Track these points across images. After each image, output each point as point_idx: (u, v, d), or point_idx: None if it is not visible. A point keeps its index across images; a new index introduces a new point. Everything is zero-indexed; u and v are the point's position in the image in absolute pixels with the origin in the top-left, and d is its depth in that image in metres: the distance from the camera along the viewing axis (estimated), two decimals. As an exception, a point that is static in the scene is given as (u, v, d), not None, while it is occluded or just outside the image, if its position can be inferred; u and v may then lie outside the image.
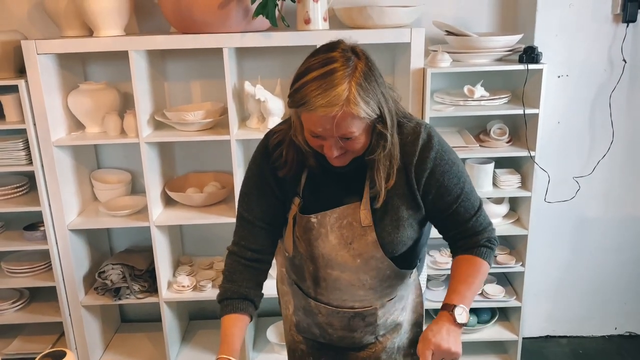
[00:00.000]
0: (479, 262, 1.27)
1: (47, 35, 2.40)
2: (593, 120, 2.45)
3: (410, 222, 1.27)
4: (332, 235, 1.28)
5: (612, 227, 2.61)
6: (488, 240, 1.30)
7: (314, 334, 1.47)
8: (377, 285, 1.34)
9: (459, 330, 1.20)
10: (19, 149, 2.21)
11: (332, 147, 1.15)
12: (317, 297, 1.38)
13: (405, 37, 2.08)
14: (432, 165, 1.23)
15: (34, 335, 2.59)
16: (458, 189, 1.26)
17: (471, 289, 1.25)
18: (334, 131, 1.11)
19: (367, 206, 1.25)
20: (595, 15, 2.31)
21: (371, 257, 1.28)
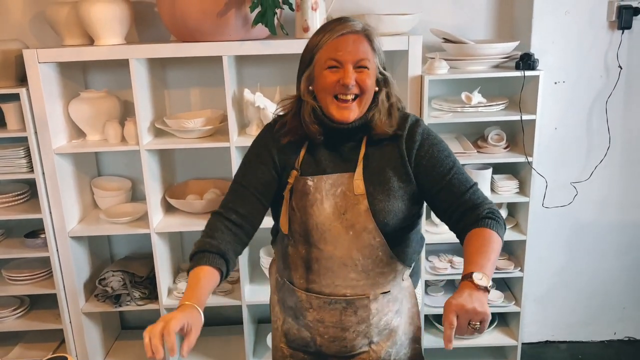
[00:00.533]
0: (488, 232, 1.22)
1: (48, 43, 2.42)
2: (590, 126, 2.47)
3: (401, 194, 1.32)
4: (327, 202, 1.32)
5: (610, 232, 2.62)
6: (490, 211, 1.26)
7: (304, 341, 1.45)
8: (369, 269, 1.35)
9: (483, 293, 1.11)
10: (20, 156, 2.23)
11: (350, 73, 1.26)
12: (309, 287, 1.38)
13: (403, 45, 2.10)
14: (420, 139, 1.33)
15: (34, 342, 2.60)
16: (449, 161, 1.32)
17: (486, 257, 1.18)
18: (354, 53, 1.26)
19: (360, 176, 1.32)
20: (591, 22, 2.34)
21: (363, 229, 1.32)
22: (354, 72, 1.27)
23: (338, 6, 2.32)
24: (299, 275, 1.40)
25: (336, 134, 1.34)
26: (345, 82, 1.26)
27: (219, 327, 2.79)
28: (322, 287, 1.38)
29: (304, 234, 1.35)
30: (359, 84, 1.28)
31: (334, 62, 1.27)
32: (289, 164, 1.37)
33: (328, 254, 1.34)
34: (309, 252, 1.36)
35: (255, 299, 2.41)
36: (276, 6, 1.98)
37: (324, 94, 1.30)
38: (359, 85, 1.28)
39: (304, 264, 1.38)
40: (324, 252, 1.35)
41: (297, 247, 1.38)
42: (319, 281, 1.37)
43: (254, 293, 2.45)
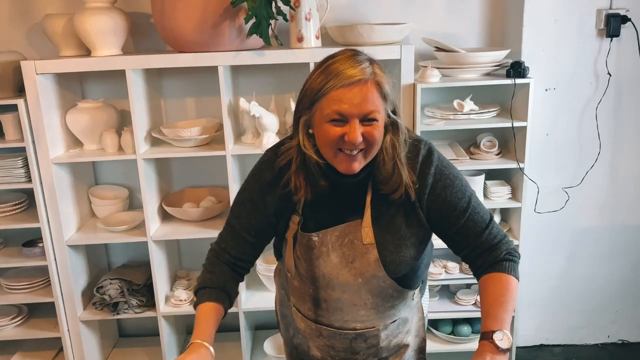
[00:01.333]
0: (506, 277, 1.19)
1: (45, 54, 2.45)
2: (580, 132, 2.51)
3: (412, 242, 1.25)
4: (334, 254, 1.26)
5: (602, 236, 2.65)
6: (508, 252, 1.23)
7: (315, 358, 1.44)
8: (379, 305, 1.32)
9: (503, 356, 1.10)
10: (18, 166, 2.25)
11: (357, 130, 1.11)
12: (318, 319, 1.36)
13: (396, 54, 2.13)
14: (432, 181, 1.22)
15: (33, 351, 2.61)
16: (463, 202, 1.22)
17: (505, 308, 1.15)
18: (361, 105, 1.11)
19: (368, 224, 1.23)
20: (580, 31, 2.38)
21: (373, 276, 1.26)
22: (361, 126, 1.12)
23: (331, 16, 2.35)
24: (307, 307, 1.37)
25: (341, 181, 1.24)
26: (352, 139, 1.12)
27: (215, 333, 2.79)
28: (331, 321, 1.35)
29: (311, 278, 1.31)
30: (366, 137, 1.13)
31: (338, 115, 1.12)
32: (290, 209, 1.29)
33: (336, 297, 1.31)
34: (316, 292, 1.32)
35: (251, 305, 2.43)
36: (270, 17, 2.01)
37: (326, 148, 1.16)
38: (365, 139, 1.14)
39: (312, 300, 1.35)
40: (332, 296, 1.31)
41: (304, 286, 1.34)
42: (327, 317, 1.35)
43: (250, 300, 2.47)
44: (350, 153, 1.15)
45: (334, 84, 1.11)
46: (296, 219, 1.28)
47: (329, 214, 1.26)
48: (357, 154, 1.15)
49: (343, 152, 1.15)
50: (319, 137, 1.17)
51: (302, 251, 1.28)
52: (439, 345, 2.53)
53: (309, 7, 2.12)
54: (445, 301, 2.51)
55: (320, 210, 1.26)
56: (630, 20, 2.32)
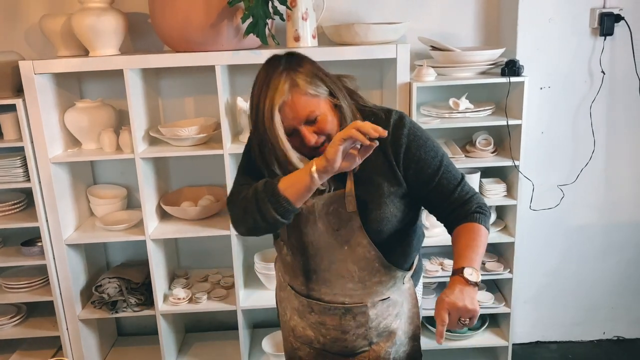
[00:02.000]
0: (477, 226, 1.30)
1: (43, 54, 2.46)
2: (575, 130, 2.53)
3: (392, 199, 1.33)
4: (320, 222, 1.34)
5: (597, 233, 2.68)
6: (478, 206, 1.33)
7: (309, 338, 1.50)
8: (366, 279, 1.38)
9: (473, 288, 1.20)
10: (17, 166, 2.26)
11: (307, 135, 1.25)
12: (310, 294, 1.44)
13: (391, 53, 2.15)
14: (406, 141, 1.31)
15: (32, 350, 2.61)
16: (437, 161, 1.32)
17: (476, 252, 1.26)
18: (296, 117, 1.23)
19: (351, 193, 1.31)
20: (574, 29, 2.40)
21: (357, 244, 1.34)
22: (309, 128, 1.26)
23: (328, 16, 2.37)
24: (299, 282, 1.45)
25: None
26: (307, 143, 1.26)
27: (214, 332, 2.82)
28: (321, 295, 1.42)
29: (300, 247, 1.40)
30: (320, 133, 1.27)
31: (287, 130, 1.25)
32: None
33: (325, 267, 1.39)
34: (306, 263, 1.41)
35: (250, 303, 2.45)
36: (267, 17, 2.02)
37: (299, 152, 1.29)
38: (320, 134, 1.27)
39: (303, 273, 1.43)
40: (321, 265, 1.39)
41: (295, 257, 1.42)
42: (318, 289, 1.42)
43: (248, 298, 2.48)
44: (317, 150, 1.27)
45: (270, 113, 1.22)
46: None
47: None
48: (323, 146, 1.26)
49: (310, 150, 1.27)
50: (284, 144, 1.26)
51: None
52: (435, 342, 2.52)
53: (305, 7, 2.13)
54: (442, 297, 2.52)
55: None
56: (624, 19, 2.34)
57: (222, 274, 2.66)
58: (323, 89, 1.27)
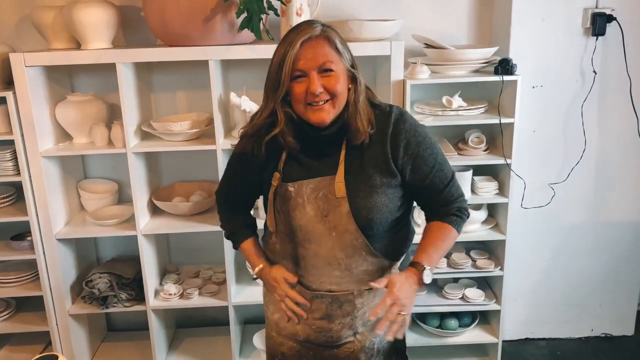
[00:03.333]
0: (448, 228, 1.40)
1: (35, 47, 2.43)
2: (566, 129, 2.55)
3: (383, 190, 1.34)
4: (309, 206, 1.36)
5: (587, 231, 2.70)
6: (458, 209, 1.41)
7: (294, 330, 1.50)
8: (353, 267, 1.39)
9: (418, 288, 1.35)
10: (7, 159, 2.24)
11: (315, 80, 1.25)
12: (298, 280, 1.45)
13: (385, 50, 2.15)
14: (407, 137, 1.33)
15: (21, 345, 2.60)
16: (432, 159, 1.36)
17: (438, 252, 1.39)
18: (315, 59, 1.25)
19: (341, 179, 1.33)
20: (567, 29, 2.42)
21: (345, 230, 1.35)
22: (320, 77, 1.26)
23: (322, 12, 2.36)
24: (288, 269, 1.47)
25: (316, 140, 1.35)
26: (312, 90, 1.26)
27: (205, 328, 2.81)
28: (309, 282, 1.44)
29: (289, 233, 1.41)
30: (327, 88, 1.27)
31: (297, 72, 1.26)
32: (272, 168, 1.40)
33: (313, 253, 1.40)
34: (295, 249, 1.42)
35: (241, 299, 2.45)
36: (262, 12, 2.02)
37: (297, 105, 1.30)
38: (327, 90, 1.27)
39: (292, 260, 1.45)
40: (309, 251, 1.40)
41: (284, 245, 1.44)
42: (306, 276, 1.44)
43: (240, 294, 2.48)
44: (317, 104, 1.27)
45: (291, 50, 1.25)
46: (277, 176, 1.39)
47: (306, 169, 1.37)
48: (324, 105, 1.28)
49: (312, 106, 1.28)
50: (291, 97, 1.30)
51: (280, 203, 1.39)
52: (426, 339, 2.56)
53: (300, 2, 2.13)
54: (433, 295, 2.54)
55: (298, 166, 1.38)
56: (616, 20, 2.36)
57: (214, 270, 2.66)
58: (348, 55, 1.32)
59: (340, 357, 1.49)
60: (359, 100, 1.32)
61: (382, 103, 1.40)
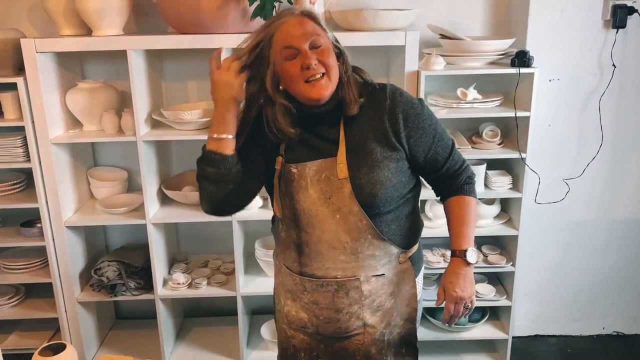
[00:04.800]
0: (468, 199, 1.43)
1: (46, 33, 2.42)
2: (583, 124, 2.50)
3: (386, 164, 1.34)
4: (312, 189, 1.35)
5: (601, 228, 2.66)
6: (468, 177, 1.45)
7: (302, 322, 1.49)
8: (359, 251, 1.38)
9: (471, 270, 1.39)
10: (17, 146, 2.23)
11: (309, 53, 1.26)
12: (303, 270, 1.43)
13: (400, 40, 2.11)
14: (405, 109, 1.34)
15: (30, 331, 2.61)
16: (432, 129, 1.38)
17: (470, 226, 1.41)
18: (303, 35, 1.26)
19: (343, 160, 1.33)
20: (586, 21, 2.36)
21: (349, 212, 1.34)
22: (312, 52, 1.28)
23: (336, 1, 2.33)
24: (292, 259, 1.45)
25: (315, 120, 1.36)
26: (307, 62, 1.26)
27: (213, 317, 2.81)
28: (314, 270, 1.42)
29: (294, 218, 1.39)
30: (321, 61, 1.28)
31: (289, 50, 1.27)
32: (275, 152, 1.40)
33: (317, 238, 1.38)
34: (299, 236, 1.40)
35: (249, 290, 2.43)
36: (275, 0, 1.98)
37: (294, 85, 1.30)
38: (320, 62, 1.28)
39: (296, 247, 1.42)
40: (313, 236, 1.38)
41: (289, 232, 1.43)
42: (310, 264, 1.42)
43: (248, 284, 2.47)
44: (314, 78, 1.27)
45: (275, 29, 1.27)
46: (280, 160, 1.39)
47: (308, 151, 1.37)
48: (321, 79, 1.28)
49: (308, 82, 1.28)
50: (286, 80, 1.30)
51: (284, 185, 1.38)
52: (435, 334, 2.54)
53: (313, -9, 2.09)
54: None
55: (300, 149, 1.38)
56: (637, 12, 2.30)
57: (223, 260, 2.65)
58: (330, 32, 1.34)
59: (351, 350, 1.48)
60: (347, 72, 1.34)
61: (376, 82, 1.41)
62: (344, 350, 1.48)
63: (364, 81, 1.40)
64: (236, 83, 1.30)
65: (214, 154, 1.32)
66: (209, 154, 1.33)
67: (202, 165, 1.36)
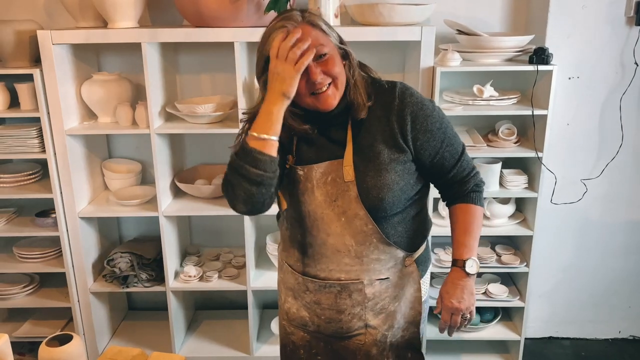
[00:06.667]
0: (473, 208, 1.38)
1: (62, 25, 2.43)
2: (603, 123, 2.45)
3: (393, 167, 1.30)
4: (318, 191, 1.33)
5: (618, 230, 2.60)
6: (476, 185, 1.40)
7: (303, 320, 1.48)
8: (363, 255, 1.36)
9: (471, 281, 1.35)
10: (33, 136, 2.25)
11: (314, 69, 1.22)
12: (305, 270, 1.42)
13: (416, 35, 2.08)
14: (414, 110, 1.30)
15: (43, 319, 2.64)
16: (441, 133, 1.33)
17: (473, 236, 1.37)
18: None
19: (349, 162, 1.30)
20: (608, 18, 2.30)
21: (355, 215, 1.32)
22: (317, 65, 1.23)
23: (352, -5, 2.30)
24: (296, 258, 1.44)
25: (323, 121, 1.33)
26: (313, 79, 1.22)
27: (224, 311, 2.82)
28: (317, 271, 1.40)
29: (298, 219, 1.38)
30: (326, 72, 1.24)
31: None
32: (287, 150, 1.37)
33: (321, 240, 1.36)
34: (303, 236, 1.39)
35: (260, 284, 2.43)
36: (289, -7, 1.97)
37: (301, 98, 1.26)
38: (326, 74, 1.24)
39: (300, 248, 1.41)
40: (317, 239, 1.37)
41: (293, 231, 1.41)
42: (313, 265, 1.40)
43: (259, 278, 2.47)
44: (321, 90, 1.24)
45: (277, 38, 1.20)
46: (290, 159, 1.36)
47: (315, 152, 1.35)
48: (328, 89, 1.25)
49: (316, 94, 1.25)
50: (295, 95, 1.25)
51: (290, 186, 1.36)
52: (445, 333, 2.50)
53: (329, -15, 2.07)
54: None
55: (308, 149, 1.35)
56: (662, 9, 2.24)
57: (234, 254, 2.65)
58: (334, 33, 1.29)
59: (351, 349, 1.46)
60: (354, 74, 1.31)
61: (384, 80, 1.37)
62: (344, 349, 1.47)
63: (371, 79, 1.37)
64: (289, 77, 1.18)
65: (262, 155, 1.20)
66: (254, 153, 1.20)
67: (243, 164, 1.21)
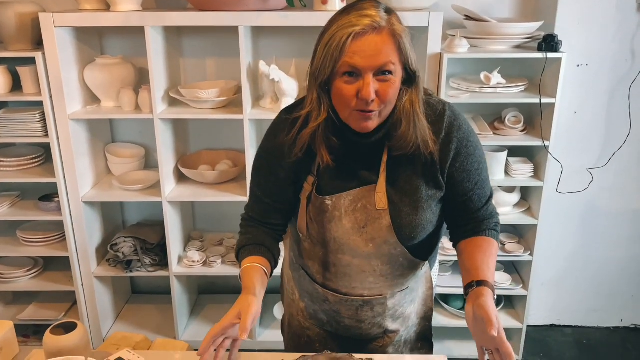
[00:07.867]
0: (492, 242, 1.24)
1: (64, 7, 2.40)
2: (610, 112, 2.42)
3: (429, 204, 1.21)
4: (346, 219, 1.22)
5: (624, 220, 2.59)
6: (495, 224, 1.28)
7: (322, 321, 1.44)
8: (389, 273, 1.29)
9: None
10: (36, 120, 2.24)
11: (370, 86, 1.05)
12: (325, 284, 1.34)
13: (423, 21, 2.05)
14: (459, 146, 1.19)
15: (47, 302, 2.66)
16: (477, 175, 1.22)
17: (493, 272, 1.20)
18: (375, 57, 1.04)
19: (382, 189, 1.20)
20: (620, 5, 2.26)
21: (384, 242, 1.23)
22: (375, 81, 1.07)
23: (358, -22, 2.26)
24: (316, 270, 1.35)
25: (356, 145, 1.20)
26: (364, 95, 1.06)
27: (227, 295, 2.83)
28: (338, 287, 1.33)
29: (322, 241, 1.28)
30: (380, 95, 1.08)
31: (350, 68, 1.06)
32: (305, 170, 1.25)
33: (346, 262, 1.29)
34: (326, 255, 1.30)
35: (263, 270, 2.43)
36: (295, -23, 1.94)
37: (342, 107, 1.12)
38: (380, 97, 1.08)
39: (321, 264, 1.32)
40: (342, 261, 1.29)
41: (314, 248, 1.31)
42: (335, 281, 1.32)
43: (262, 265, 2.46)
44: (366, 109, 1.08)
45: (348, 35, 1.04)
46: (311, 180, 1.24)
47: (344, 177, 1.22)
48: (372, 113, 1.10)
49: (358, 111, 1.10)
50: (334, 95, 1.12)
51: (315, 213, 1.25)
52: (449, 320, 2.52)
53: (335, -32, 2.03)
54: (457, 276, 2.49)
55: (336, 173, 1.22)
56: (674, -5, 2.20)
57: (237, 239, 2.65)
58: (412, 55, 1.10)
59: (368, 349, 1.43)
60: (417, 110, 1.13)
61: (432, 97, 1.23)
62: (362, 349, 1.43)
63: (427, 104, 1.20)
64: None
65: None
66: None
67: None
